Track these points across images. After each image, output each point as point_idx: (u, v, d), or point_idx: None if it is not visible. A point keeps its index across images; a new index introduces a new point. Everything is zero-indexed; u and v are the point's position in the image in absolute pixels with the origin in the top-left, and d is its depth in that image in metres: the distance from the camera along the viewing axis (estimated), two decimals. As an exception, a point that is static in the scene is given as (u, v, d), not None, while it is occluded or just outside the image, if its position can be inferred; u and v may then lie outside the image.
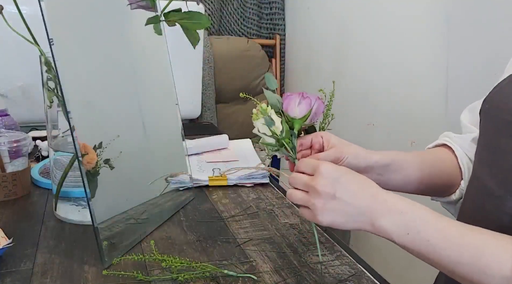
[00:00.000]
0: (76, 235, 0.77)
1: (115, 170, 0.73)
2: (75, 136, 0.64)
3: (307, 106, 0.64)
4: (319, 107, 0.65)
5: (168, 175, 0.89)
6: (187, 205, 0.91)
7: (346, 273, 0.68)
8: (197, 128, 1.72)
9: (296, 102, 0.63)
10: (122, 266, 0.67)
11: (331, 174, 0.56)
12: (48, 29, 0.60)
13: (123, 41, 0.79)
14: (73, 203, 0.83)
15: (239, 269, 0.67)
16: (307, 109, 0.64)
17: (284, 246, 0.75)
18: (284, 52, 2.61)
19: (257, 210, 0.89)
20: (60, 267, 0.67)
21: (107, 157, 0.71)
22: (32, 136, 1.17)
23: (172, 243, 0.75)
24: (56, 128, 0.81)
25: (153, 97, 0.86)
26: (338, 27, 2.04)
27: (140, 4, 0.80)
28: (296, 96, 0.64)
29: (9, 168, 0.89)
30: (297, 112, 0.64)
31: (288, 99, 0.64)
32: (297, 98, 0.63)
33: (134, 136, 0.80)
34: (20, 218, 0.82)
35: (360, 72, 1.88)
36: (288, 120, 0.65)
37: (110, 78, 0.76)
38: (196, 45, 0.79)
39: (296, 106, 0.63)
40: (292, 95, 0.64)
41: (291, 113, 0.64)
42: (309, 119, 0.65)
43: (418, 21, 1.49)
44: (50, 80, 0.75)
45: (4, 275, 0.64)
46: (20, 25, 0.72)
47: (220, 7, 2.48)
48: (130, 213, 0.76)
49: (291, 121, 0.65)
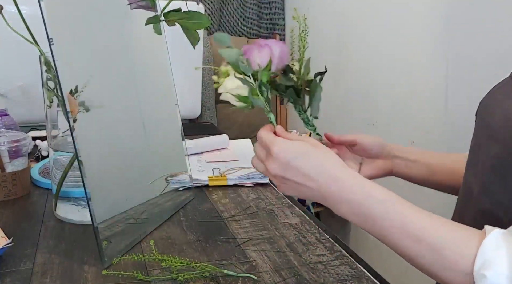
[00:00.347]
0: (76, 235, 0.77)
1: (115, 170, 0.73)
2: (75, 136, 0.64)
3: (268, 53, 0.58)
4: (283, 51, 0.59)
5: (168, 175, 0.89)
6: (187, 205, 0.91)
7: (346, 273, 0.68)
8: (197, 128, 1.72)
9: (256, 52, 0.58)
10: (122, 266, 0.67)
11: (282, 156, 0.53)
12: (48, 29, 0.60)
13: (123, 41, 0.79)
14: (73, 203, 0.83)
15: (239, 269, 0.67)
16: (268, 55, 0.58)
17: (284, 246, 0.75)
18: (284, 52, 2.61)
19: (257, 210, 0.89)
20: (60, 267, 0.67)
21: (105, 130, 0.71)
22: (32, 136, 1.16)
23: (172, 243, 0.75)
24: (56, 128, 0.81)
25: (153, 97, 0.86)
26: (338, 27, 2.04)
27: (140, 4, 0.80)
28: (253, 46, 0.58)
29: (9, 167, 0.89)
30: (258, 61, 0.58)
31: (247, 52, 0.58)
32: (255, 50, 0.58)
33: (134, 136, 0.80)
34: (20, 218, 0.82)
35: (360, 72, 1.88)
36: (254, 77, 0.59)
37: (110, 78, 0.76)
38: (196, 45, 0.79)
39: (257, 56, 0.58)
40: (251, 46, 0.58)
41: (253, 63, 0.58)
42: (274, 66, 0.59)
43: (418, 22, 1.49)
44: (50, 80, 0.75)
45: (4, 275, 0.64)
46: (20, 25, 0.72)
47: (220, 7, 2.48)
48: (130, 213, 0.76)
49: (256, 75, 0.59)
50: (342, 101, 2.00)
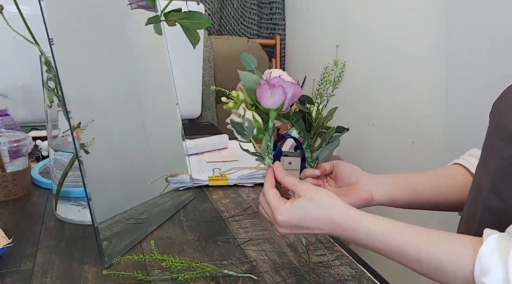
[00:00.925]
0: (76, 235, 0.77)
1: (115, 170, 0.73)
2: (75, 136, 0.64)
3: (282, 96, 0.58)
4: (296, 92, 0.59)
5: (168, 175, 0.89)
6: (187, 205, 0.91)
7: (346, 273, 0.68)
8: (197, 128, 1.72)
9: (268, 95, 0.57)
10: (122, 266, 0.67)
11: (287, 222, 0.56)
12: (48, 29, 0.60)
13: (123, 41, 0.79)
14: (73, 203, 0.83)
15: (239, 269, 0.67)
16: (281, 99, 0.58)
17: (284, 246, 0.75)
18: (284, 52, 2.61)
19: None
20: (60, 267, 0.67)
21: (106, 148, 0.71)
22: (32, 136, 1.16)
23: (172, 243, 0.75)
24: (56, 128, 0.81)
25: (153, 97, 0.86)
26: (338, 27, 2.04)
27: (140, 4, 0.80)
28: (267, 88, 0.57)
29: (9, 167, 0.89)
30: (270, 103, 0.58)
31: (259, 91, 0.58)
32: (268, 90, 0.57)
33: (134, 136, 0.80)
34: (20, 218, 0.82)
35: (360, 72, 1.88)
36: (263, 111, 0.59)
37: (110, 78, 0.76)
38: (196, 45, 0.79)
39: (269, 98, 0.57)
40: (263, 85, 0.58)
41: (264, 104, 0.58)
42: (286, 106, 0.59)
43: (418, 21, 1.49)
44: (50, 80, 0.75)
45: (4, 275, 0.64)
46: (20, 25, 0.72)
47: (220, 7, 2.48)
48: (130, 213, 0.76)
49: (266, 112, 0.59)
50: (342, 101, 2.00)
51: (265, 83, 0.57)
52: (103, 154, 0.72)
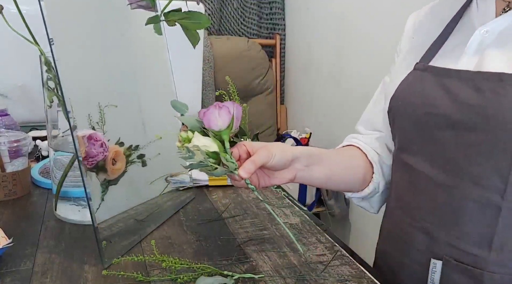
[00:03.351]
0: (76, 235, 0.77)
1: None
2: (75, 136, 0.64)
3: (228, 115, 0.61)
4: (238, 111, 0.63)
5: (168, 175, 0.89)
6: (187, 205, 0.91)
7: (346, 273, 0.68)
8: (197, 128, 1.72)
9: (216, 115, 0.61)
10: (122, 266, 0.67)
11: None
12: (48, 29, 0.60)
13: (123, 41, 0.79)
14: (73, 202, 0.83)
15: (239, 269, 0.67)
16: (229, 117, 0.62)
17: (284, 246, 0.75)
18: (284, 52, 2.61)
19: (257, 210, 0.89)
20: (60, 267, 0.67)
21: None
22: (32, 136, 1.17)
23: (172, 243, 0.75)
24: (56, 128, 0.81)
25: (153, 97, 0.86)
26: (338, 27, 2.04)
27: (140, 4, 0.80)
28: (213, 109, 0.61)
29: (9, 167, 0.89)
30: (220, 123, 0.61)
31: (206, 116, 0.62)
32: (215, 111, 0.61)
33: (134, 136, 0.80)
34: (20, 218, 0.82)
35: (360, 72, 1.88)
36: (215, 135, 0.63)
37: (110, 78, 0.76)
38: (196, 45, 0.79)
39: (218, 118, 0.61)
40: (208, 110, 0.61)
41: (215, 127, 0.62)
42: (234, 125, 0.63)
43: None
44: (50, 80, 0.75)
45: (4, 275, 0.64)
46: (20, 25, 0.72)
47: (220, 7, 2.48)
48: (130, 213, 0.76)
49: (218, 135, 0.63)
50: (342, 101, 2.00)
51: (210, 107, 0.61)
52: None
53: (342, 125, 2.01)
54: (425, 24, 0.76)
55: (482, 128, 0.56)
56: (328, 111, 2.15)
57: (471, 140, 0.57)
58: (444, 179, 0.61)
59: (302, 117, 2.45)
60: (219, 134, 0.62)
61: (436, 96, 0.62)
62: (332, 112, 2.10)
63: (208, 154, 0.61)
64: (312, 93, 2.31)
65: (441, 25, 0.70)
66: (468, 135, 0.58)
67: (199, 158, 0.61)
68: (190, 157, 0.61)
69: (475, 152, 0.57)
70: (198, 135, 0.62)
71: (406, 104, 0.66)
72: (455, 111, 0.59)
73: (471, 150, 0.58)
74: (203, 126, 0.63)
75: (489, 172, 0.56)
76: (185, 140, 0.62)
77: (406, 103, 0.66)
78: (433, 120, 0.62)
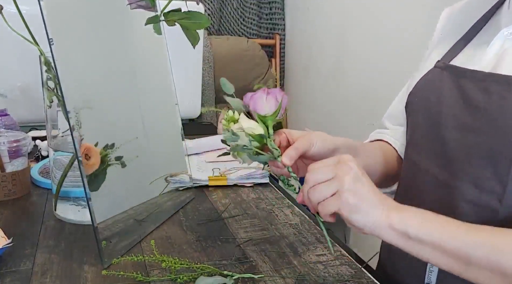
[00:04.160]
0: (76, 235, 0.77)
1: (115, 170, 0.72)
2: (74, 136, 0.64)
3: (275, 101, 0.61)
4: (284, 100, 0.63)
5: (168, 175, 0.89)
6: (187, 205, 0.91)
7: (346, 273, 0.68)
8: (197, 128, 1.72)
9: (264, 99, 0.61)
10: (122, 266, 0.67)
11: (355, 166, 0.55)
12: (48, 29, 0.60)
13: (123, 41, 0.79)
14: (73, 202, 0.83)
15: (239, 269, 0.67)
16: (275, 103, 0.61)
17: (284, 246, 0.75)
18: (284, 52, 2.61)
19: (257, 210, 0.89)
20: (59, 267, 0.67)
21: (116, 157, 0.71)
22: (32, 136, 1.16)
23: (172, 243, 0.75)
24: (56, 128, 0.81)
25: (153, 97, 0.86)
26: (337, 27, 2.04)
27: (140, 4, 0.80)
28: (261, 93, 0.61)
29: (8, 167, 0.89)
30: (268, 108, 0.61)
31: (253, 99, 0.61)
32: (263, 95, 0.61)
33: (134, 136, 0.80)
34: (20, 218, 0.82)
35: (360, 72, 1.88)
36: (260, 120, 0.62)
37: (110, 78, 0.76)
38: (196, 45, 0.79)
39: (265, 102, 0.61)
40: (256, 94, 0.61)
41: (261, 111, 0.61)
42: (279, 114, 0.63)
43: (418, 21, 1.49)
44: (50, 80, 0.75)
45: (4, 275, 0.64)
46: (20, 25, 0.72)
47: (220, 7, 2.48)
48: (130, 213, 0.76)
49: (263, 120, 0.62)
50: (342, 101, 2.00)
51: (258, 91, 0.61)
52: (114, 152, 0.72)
53: (342, 125, 2.01)
54: (455, 21, 0.74)
55: (485, 131, 0.56)
56: (328, 111, 2.15)
57: (474, 142, 0.57)
58: (446, 178, 0.61)
59: (302, 117, 2.45)
60: (264, 120, 0.62)
61: (451, 96, 0.61)
62: (332, 112, 2.10)
63: (253, 137, 0.60)
64: (312, 93, 2.31)
65: (470, 23, 0.68)
66: (472, 136, 0.57)
67: (243, 141, 0.60)
68: (234, 139, 0.60)
69: (476, 153, 0.57)
70: (243, 117, 0.62)
71: (422, 101, 0.66)
72: (464, 112, 0.59)
73: (472, 151, 0.57)
74: (248, 110, 0.62)
75: (489, 175, 0.56)
76: (230, 120, 0.61)
77: (422, 100, 0.66)
78: (444, 120, 0.61)
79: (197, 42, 0.79)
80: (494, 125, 0.55)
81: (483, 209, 0.57)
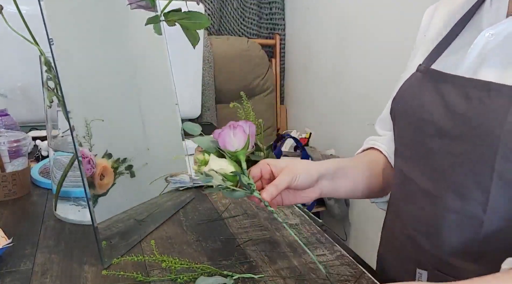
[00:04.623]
0: (76, 235, 0.77)
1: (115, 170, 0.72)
2: (75, 136, 0.64)
3: (243, 134, 0.61)
4: (252, 129, 0.63)
5: (168, 175, 0.89)
6: (187, 205, 0.91)
7: (346, 273, 0.68)
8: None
9: (231, 135, 0.60)
10: (122, 266, 0.67)
11: None
12: (48, 29, 0.60)
13: (123, 41, 0.79)
14: (73, 203, 0.83)
15: (239, 269, 0.67)
16: (244, 137, 0.61)
17: (284, 246, 0.75)
18: (284, 52, 2.61)
19: (257, 210, 0.89)
20: (60, 267, 0.67)
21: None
22: (32, 136, 1.16)
23: (172, 243, 0.75)
24: (56, 128, 0.81)
25: (153, 97, 0.86)
26: (337, 27, 2.04)
27: (140, 4, 0.80)
28: (227, 130, 0.61)
29: (9, 167, 0.89)
30: (236, 144, 0.61)
31: (221, 136, 0.61)
32: (229, 132, 0.61)
33: (134, 136, 0.80)
34: (20, 218, 0.82)
35: (359, 72, 1.88)
36: (231, 156, 0.62)
37: (110, 78, 0.76)
38: (196, 45, 0.79)
39: (233, 138, 0.60)
40: (223, 131, 0.61)
41: (230, 148, 0.61)
42: (250, 145, 0.63)
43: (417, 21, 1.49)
44: (50, 80, 0.75)
45: (4, 275, 0.64)
46: (20, 25, 0.72)
47: (220, 7, 2.48)
48: (130, 213, 0.76)
49: (234, 156, 0.62)
50: (342, 101, 2.00)
51: (224, 127, 0.61)
52: (103, 153, 0.72)
53: (342, 125, 2.01)
54: (437, 21, 0.71)
55: (466, 138, 0.54)
56: (328, 111, 2.15)
57: (456, 150, 0.55)
58: (431, 187, 0.59)
59: (302, 117, 2.45)
60: (235, 155, 0.62)
61: (432, 102, 0.59)
62: (332, 112, 2.10)
63: (226, 176, 0.61)
64: (312, 93, 2.31)
65: (452, 23, 0.65)
66: (454, 144, 0.56)
67: (217, 181, 0.60)
68: (208, 180, 0.60)
69: (458, 162, 0.55)
70: (214, 158, 0.62)
71: (405, 108, 0.64)
72: (445, 119, 0.57)
73: (455, 160, 0.56)
74: (218, 147, 0.62)
75: (471, 183, 0.54)
76: (202, 163, 0.62)
77: (405, 107, 0.64)
78: (426, 127, 0.60)
79: (197, 42, 0.79)
80: (475, 133, 0.53)
81: (468, 219, 0.55)
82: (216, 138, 0.62)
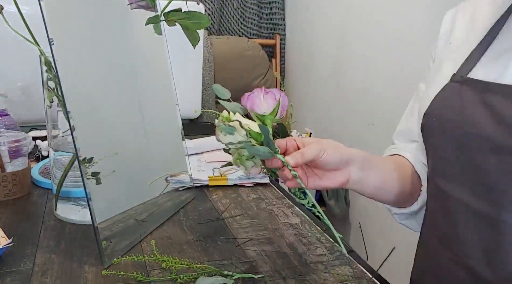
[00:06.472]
0: (76, 235, 0.77)
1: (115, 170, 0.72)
2: (75, 136, 0.64)
3: (273, 100, 0.58)
4: (284, 101, 0.59)
5: (168, 175, 0.89)
6: (187, 205, 0.91)
7: (346, 273, 0.68)
8: (197, 128, 1.72)
9: (261, 98, 0.58)
10: (122, 266, 0.67)
11: None
12: (48, 29, 0.60)
13: (123, 41, 0.79)
14: (73, 203, 0.83)
15: (239, 269, 0.67)
16: (274, 102, 0.58)
17: (284, 246, 0.75)
18: (284, 52, 2.61)
19: (258, 210, 0.89)
20: (60, 267, 0.67)
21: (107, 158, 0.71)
22: (32, 136, 1.16)
23: (172, 243, 0.75)
24: (56, 128, 0.81)
25: (153, 97, 0.86)
26: (337, 27, 2.04)
27: (140, 4, 0.80)
28: (258, 92, 0.58)
29: (9, 167, 0.89)
30: (265, 107, 0.58)
31: (250, 98, 0.58)
32: (260, 94, 0.58)
33: (134, 136, 0.80)
34: (20, 218, 0.82)
35: (360, 72, 1.88)
36: (258, 119, 0.59)
37: (110, 78, 0.76)
38: (196, 45, 0.79)
39: (262, 101, 0.58)
40: (254, 93, 0.58)
41: (258, 110, 0.58)
42: (279, 113, 0.59)
43: (417, 21, 1.49)
44: (50, 80, 0.75)
45: (4, 275, 0.64)
46: (20, 25, 0.72)
47: (220, 7, 2.48)
48: (130, 213, 0.76)
49: (261, 119, 0.59)
50: (343, 101, 2.00)
51: (255, 90, 0.58)
52: (103, 153, 0.72)
53: (342, 126, 2.01)
54: (461, 26, 0.65)
55: None
56: (328, 111, 2.15)
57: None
58: (488, 210, 0.54)
59: (302, 117, 2.45)
60: (263, 119, 0.58)
61: (477, 115, 0.54)
62: (332, 112, 2.10)
63: (251, 133, 0.56)
64: (312, 94, 2.31)
65: (483, 27, 0.60)
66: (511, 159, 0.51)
67: (241, 135, 0.55)
68: (230, 130, 0.55)
69: None
70: (239, 116, 0.57)
71: (443, 122, 0.58)
72: (499, 134, 0.51)
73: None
74: (246, 113, 0.59)
75: None
76: (225, 120, 0.57)
77: (443, 122, 0.58)
78: (474, 142, 0.54)
79: (197, 42, 0.79)
80: None
81: None
82: (245, 103, 0.59)
